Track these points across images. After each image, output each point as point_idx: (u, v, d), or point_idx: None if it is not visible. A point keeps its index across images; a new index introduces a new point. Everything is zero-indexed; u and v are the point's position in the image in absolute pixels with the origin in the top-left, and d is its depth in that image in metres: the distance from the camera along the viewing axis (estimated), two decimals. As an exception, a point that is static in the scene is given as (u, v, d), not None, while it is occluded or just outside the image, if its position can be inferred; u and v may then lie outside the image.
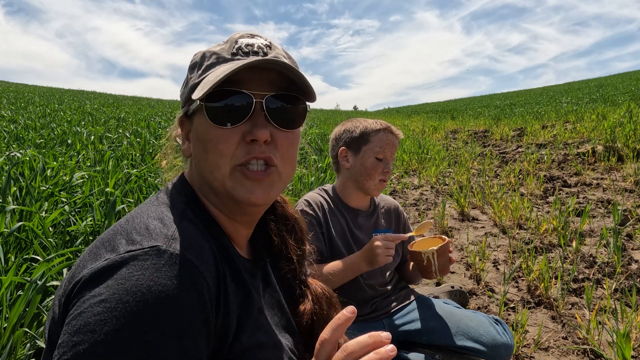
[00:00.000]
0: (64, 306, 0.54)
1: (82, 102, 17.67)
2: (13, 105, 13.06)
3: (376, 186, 1.54)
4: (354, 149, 1.55)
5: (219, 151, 0.62)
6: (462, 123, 14.49)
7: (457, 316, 1.50)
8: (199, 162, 0.67)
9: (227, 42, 0.68)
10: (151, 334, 0.48)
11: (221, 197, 0.67)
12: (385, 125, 1.53)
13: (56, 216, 2.27)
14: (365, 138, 1.53)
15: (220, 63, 0.65)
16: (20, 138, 5.55)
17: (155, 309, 0.49)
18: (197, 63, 0.68)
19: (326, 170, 5.18)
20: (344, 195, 1.60)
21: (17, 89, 29.69)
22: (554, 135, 8.22)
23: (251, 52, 0.65)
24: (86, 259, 0.56)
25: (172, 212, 0.62)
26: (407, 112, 32.24)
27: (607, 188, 4.64)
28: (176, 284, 0.52)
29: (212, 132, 0.63)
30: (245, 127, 0.63)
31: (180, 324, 0.51)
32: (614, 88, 21.38)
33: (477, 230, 3.73)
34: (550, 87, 47.99)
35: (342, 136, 1.58)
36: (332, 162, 1.66)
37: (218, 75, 0.61)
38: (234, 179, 0.64)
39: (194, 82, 0.66)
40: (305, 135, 9.30)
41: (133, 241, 0.55)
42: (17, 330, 1.44)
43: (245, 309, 0.64)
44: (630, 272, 2.62)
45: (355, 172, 1.54)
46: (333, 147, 1.62)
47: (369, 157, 1.51)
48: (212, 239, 0.64)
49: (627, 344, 1.69)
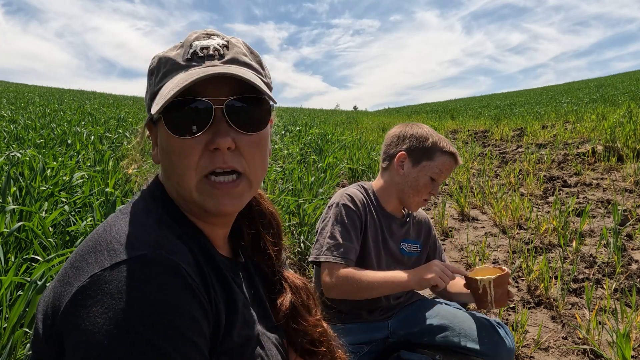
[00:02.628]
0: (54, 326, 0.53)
1: (82, 102, 17.67)
2: (13, 105, 13.06)
3: (418, 204, 1.49)
4: (414, 159, 1.46)
5: (183, 163, 0.61)
6: (462, 123, 14.49)
7: (460, 318, 1.49)
8: (166, 171, 0.66)
9: (183, 45, 0.65)
10: (164, 338, 0.49)
11: (192, 205, 0.66)
12: (454, 151, 1.47)
13: (56, 216, 2.27)
14: (430, 154, 1.45)
15: (175, 71, 0.63)
16: (20, 138, 5.55)
17: (159, 314, 0.50)
18: (154, 69, 0.66)
19: (326, 170, 5.18)
20: (382, 198, 1.54)
21: (17, 89, 29.69)
22: (554, 135, 8.22)
23: (206, 57, 0.62)
24: (69, 275, 0.55)
25: (150, 218, 0.62)
26: (407, 112, 32.24)
27: (607, 188, 4.64)
28: (171, 287, 0.52)
29: (173, 143, 0.61)
30: (207, 135, 0.60)
31: (187, 322, 0.52)
32: (614, 88, 21.38)
33: (477, 230, 3.73)
34: (550, 87, 48.00)
35: (408, 140, 1.48)
36: (383, 158, 1.56)
37: (172, 88, 0.59)
38: (201, 190, 0.62)
39: (153, 90, 0.65)
40: (305, 135, 9.29)
41: (115, 252, 0.54)
42: (17, 330, 1.44)
43: (231, 307, 0.65)
44: (630, 272, 2.62)
45: (405, 182, 1.47)
46: (392, 144, 1.52)
47: (425, 174, 1.44)
48: (192, 242, 0.64)
49: (627, 344, 1.69)
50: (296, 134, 9.93)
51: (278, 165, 5.17)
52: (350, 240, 1.39)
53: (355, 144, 7.81)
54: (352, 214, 1.41)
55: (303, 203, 3.22)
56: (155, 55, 0.67)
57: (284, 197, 3.27)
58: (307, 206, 3.22)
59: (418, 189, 1.46)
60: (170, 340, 0.50)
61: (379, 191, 1.55)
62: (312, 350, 0.81)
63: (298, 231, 3.08)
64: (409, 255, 1.61)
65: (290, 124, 13.02)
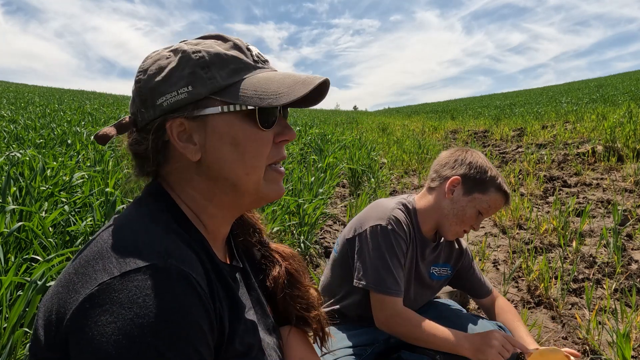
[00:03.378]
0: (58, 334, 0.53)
1: (82, 102, 17.67)
2: (13, 105, 13.06)
3: (457, 234, 1.44)
4: (468, 188, 1.40)
5: (260, 153, 0.66)
6: (462, 123, 14.49)
7: (462, 319, 1.49)
8: (224, 166, 0.65)
9: (235, 46, 0.67)
10: (173, 349, 0.50)
11: (244, 196, 0.69)
12: (509, 191, 1.42)
13: (56, 216, 2.27)
14: (485, 187, 1.39)
15: (248, 70, 0.66)
16: (20, 138, 5.55)
17: (170, 325, 0.50)
18: (210, 63, 0.63)
19: (326, 170, 5.18)
20: (422, 219, 1.47)
21: (17, 89, 29.69)
22: (554, 135, 8.22)
23: (265, 61, 0.70)
24: (75, 281, 0.54)
25: (157, 224, 0.61)
26: (407, 112, 32.24)
27: (607, 188, 4.64)
28: (182, 297, 0.53)
29: (253, 134, 0.65)
30: (277, 129, 0.68)
31: (196, 333, 0.53)
32: (614, 88, 21.38)
33: (477, 230, 3.73)
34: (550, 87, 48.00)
35: (467, 166, 1.41)
36: (432, 178, 1.48)
37: (290, 87, 0.64)
38: (269, 178, 0.68)
39: (221, 84, 0.63)
40: (305, 136, 9.29)
41: (125, 260, 0.53)
42: (17, 330, 1.44)
43: (234, 315, 0.66)
44: (630, 272, 2.62)
45: (452, 209, 1.41)
46: (448, 166, 1.45)
47: (474, 206, 1.39)
48: (199, 249, 0.64)
49: (627, 344, 1.69)
50: (296, 134, 9.92)
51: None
52: (401, 268, 1.37)
53: (355, 144, 7.81)
54: (400, 242, 1.36)
55: (303, 203, 3.22)
56: (201, 49, 0.64)
57: (284, 197, 3.27)
58: (307, 206, 3.22)
59: (463, 219, 1.40)
60: (178, 351, 0.50)
61: (421, 211, 1.48)
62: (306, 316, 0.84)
63: (298, 231, 3.08)
64: (438, 279, 1.59)
65: (291, 124, 13.00)
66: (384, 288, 1.33)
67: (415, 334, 1.32)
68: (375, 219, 1.39)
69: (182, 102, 0.63)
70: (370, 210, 1.45)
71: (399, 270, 1.36)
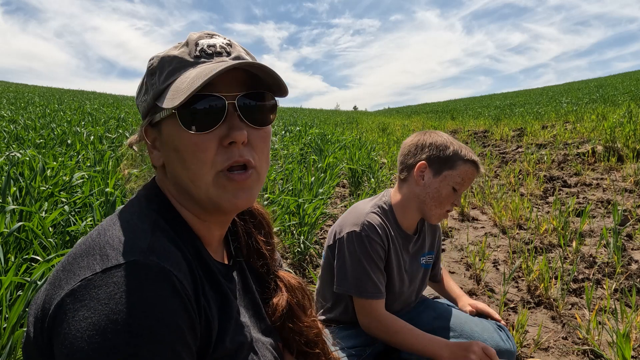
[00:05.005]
0: (43, 330, 0.53)
1: (82, 102, 17.66)
2: (13, 105, 13.06)
3: (440, 216, 1.43)
4: (436, 169, 1.39)
5: (199, 159, 0.61)
6: (462, 123, 14.49)
7: (462, 319, 1.49)
8: (175, 172, 0.65)
9: (186, 44, 0.65)
10: (147, 347, 0.49)
11: (202, 204, 0.65)
12: (476, 159, 1.40)
13: (56, 216, 2.27)
14: (452, 163, 1.38)
15: (184, 68, 0.63)
16: (20, 138, 5.55)
17: (145, 322, 0.50)
18: (155, 69, 0.65)
19: (326, 170, 5.18)
20: (400, 215, 1.47)
21: (17, 89, 29.68)
22: (554, 136, 8.22)
23: (215, 54, 0.64)
24: (61, 278, 0.54)
25: (144, 222, 0.61)
26: (407, 112, 32.24)
27: (607, 188, 4.65)
28: (160, 294, 0.52)
29: (188, 140, 0.61)
30: (222, 130, 0.61)
31: (172, 332, 0.52)
32: (613, 88, 21.38)
33: (477, 231, 3.73)
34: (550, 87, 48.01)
35: (427, 149, 1.41)
36: (401, 169, 1.48)
37: (192, 82, 0.58)
38: (218, 185, 0.63)
39: (158, 88, 0.63)
40: (305, 136, 9.29)
41: (108, 257, 0.54)
42: (17, 330, 1.44)
43: (224, 313, 0.65)
44: (630, 272, 2.62)
45: (426, 193, 1.40)
46: (411, 154, 1.45)
47: (448, 184, 1.38)
48: (186, 247, 0.63)
49: (627, 344, 1.69)
50: (296, 134, 9.93)
51: (278, 165, 5.17)
52: (380, 272, 1.39)
53: (355, 144, 7.81)
54: (375, 247, 1.37)
55: (303, 203, 3.22)
56: (155, 56, 0.66)
57: (284, 197, 3.27)
58: (307, 206, 3.22)
59: (441, 200, 1.39)
60: (153, 349, 0.50)
61: (397, 206, 1.48)
62: (307, 352, 0.81)
63: (298, 231, 3.08)
64: (426, 267, 1.60)
65: (290, 124, 13.01)
66: (364, 293, 1.36)
67: (395, 340, 1.34)
68: (350, 225, 1.40)
69: (145, 110, 0.67)
70: (348, 216, 1.46)
71: (378, 273, 1.38)
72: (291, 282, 0.84)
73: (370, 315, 1.37)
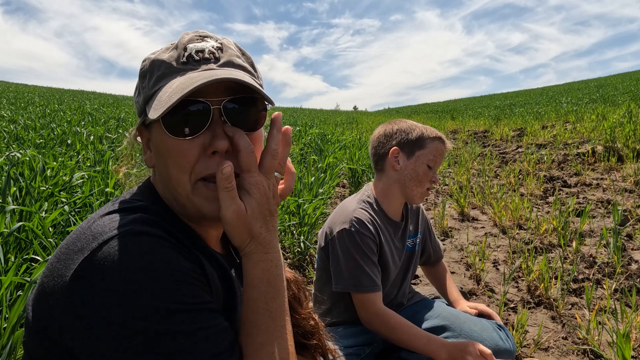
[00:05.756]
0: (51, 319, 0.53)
1: (82, 102, 17.66)
2: (13, 105, 13.06)
3: (422, 194, 1.49)
4: (408, 152, 1.48)
5: (179, 165, 0.60)
6: (462, 123, 14.49)
7: (461, 319, 1.49)
8: (161, 175, 0.66)
9: (177, 47, 0.64)
10: (170, 301, 0.51)
11: (186, 209, 0.65)
12: (441, 135, 1.50)
13: (56, 216, 2.27)
14: (421, 143, 1.47)
15: (171, 74, 0.62)
16: (20, 138, 5.55)
17: (158, 278, 0.51)
18: (147, 71, 0.65)
19: (326, 170, 5.17)
20: (385, 205, 1.53)
21: (17, 89, 29.68)
22: (554, 136, 8.22)
23: (202, 60, 0.62)
24: (58, 268, 0.54)
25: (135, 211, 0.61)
26: (407, 112, 32.24)
27: (607, 188, 4.65)
28: (166, 252, 0.54)
29: (170, 145, 0.60)
30: (205, 138, 0.60)
31: (189, 280, 0.54)
32: (613, 88, 21.39)
33: (477, 231, 3.73)
34: (550, 87, 48.02)
35: (395, 135, 1.50)
36: (375, 161, 1.56)
37: (173, 93, 0.58)
38: (198, 194, 0.62)
39: (147, 93, 0.64)
40: (305, 136, 9.29)
41: (101, 233, 0.54)
42: (17, 330, 1.44)
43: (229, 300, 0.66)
44: (630, 272, 2.62)
45: (405, 176, 1.48)
46: (381, 144, 1.52)
47: (422, 163, 1.46)
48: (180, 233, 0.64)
49: (627, 344, 1.69)
50: (296, 134, 9.93)
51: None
52: (374, 265, 1.42)
53: (355, 144, 7.81)
54: (367, 240, 1.41)
55: (303, 203, 3.22)
56: (147, 58, 0.66)
57: (284, 197, 3.26)
58: (307, 206, 3.22)
59: (419, 179, 1.47)
60: (177, 298, 0.51)
61: (380, 196, 1.53)
62: (304, 344, 0.82)
63: (298, 231, 3.08)
64: (413, 248, 1.66)
65: (290, 124, 13.01)
66: (360, 287, 1.39)
67: (392, 336, 1.36)
68: (340, 223, 1.44)
69: (139, 111, 0.68)
70: (336, 216, 1.50)
71: (372, 267, 1.41)
72: (287, 275, 0.85)
73: (370, 309, 1.39)
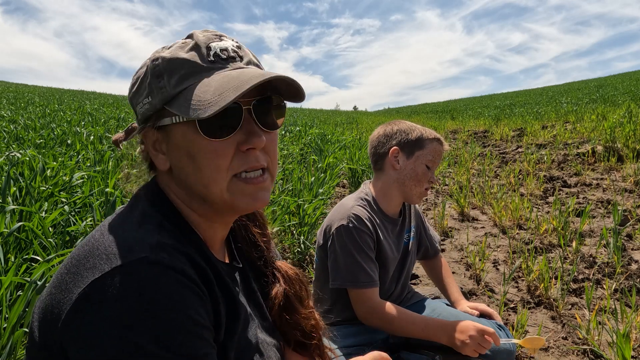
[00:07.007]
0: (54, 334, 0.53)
1: (82, 102, 17.67)
2: (13, 105, 13.06)
3: (421, 194, 1.52)
4: (407, 152, 1.50)
5: (216, 165, 0.61)
6: (462, 123, 14.50)
7: (461, 319, 1.49)
8: (186, 176, 0.64)
9: (194, 46, 0.63)
10: (169, 340, 0.50)
11: (216, 207, 0.65)
12: (439, 136, 1.53)
13: (56, 216, 2.27)
14: (420, 143, 1.50)
15: (198, 73, 0.61)
16: (20, 138, 5.55)
17: (162, 317, 0.51)
18: (163, 70, 0.62)
19: (326, 170, 5.18)
20: (383, 203, 1.55)
21: (17, 89, 29.70)
22: (554, 136, 8.22)
23: (229, 59, 0.63)
24: (67, 281, 0.54)
25: (149, 223, 0.61)
26: (407, 112, 32.26)
27: (607, 188, 4.65)
28: (175, 290, 0.53)
29: (203, 145, 0.60)
30: (239, 136, 0.62)
31: (191, 323, 0.53)
32: (613, 88, 21.39)
33: (477, 231, 3.73)
34: (550, 87, 48.03)
35: (395, 136, 1.52)
36: (374, 161, 1.58)
37: (221, 93, 0.57)
38: (234, 189, 0.63)
39: (169, 93, 0.61)
40: (305, 136, 9.29)
41: (115, 255, 0.53)
42: (17, 330, 1.44)
43: (232, 314, 0.66)
44: (630, 272, 2.62)
45: (404, 175, 1.50)
46: (381, 144, 1.55)
47: (421, 163, 1.48)
48: (193, 248, 0.63)
49: (627, 344, 1.69)
50: (296, 134, 9.93)
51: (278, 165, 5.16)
52: (371, 261, 1.43)
53: (355, 144, 7.80)
54: (364, 237, 1.42)
55: (303, 203, 3.22)
56: (160, 56, 0.63)
57: (284, 197, 3.27)
58: (307, 206, 3.22)
59: (418, 178, 1.49)
60: (175, 339, 0.51)
61: (379, 195, 1.55)
62: (304, 343, 0.82)
63: (298, 231, 3.08)
64: (409, 242, 1.67)
65: (290, 124, 13.01)
66: (357, 283, 1.40)
67: (392, 327, 1.38)
68: (338, 220, 1.46)
69: (147, 113, 0.65)
70: (334, 213, 1.51)
71: (370, 263, 1.42)
72: (289, 272, 0.85)
73: (366, 304, 1.40)
